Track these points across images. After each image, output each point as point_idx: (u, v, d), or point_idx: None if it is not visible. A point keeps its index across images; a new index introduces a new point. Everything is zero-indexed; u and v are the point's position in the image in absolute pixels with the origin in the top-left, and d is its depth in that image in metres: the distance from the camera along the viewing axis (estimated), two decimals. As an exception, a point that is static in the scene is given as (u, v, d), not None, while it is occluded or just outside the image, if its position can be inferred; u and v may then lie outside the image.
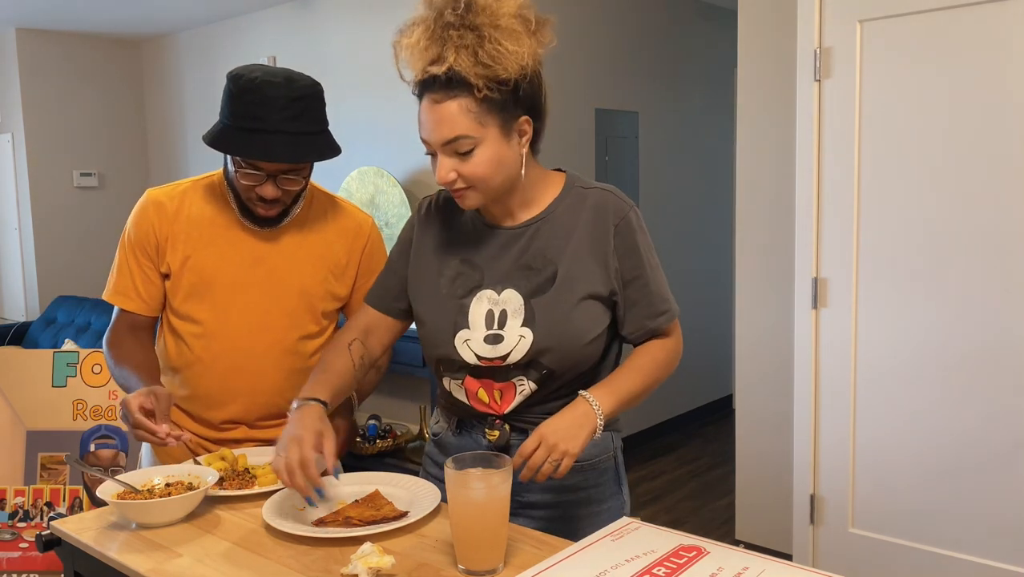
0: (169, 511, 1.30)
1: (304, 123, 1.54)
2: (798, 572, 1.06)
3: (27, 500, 3.00)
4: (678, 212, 4.86)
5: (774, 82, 3.11)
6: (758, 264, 3.24)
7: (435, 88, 1.27)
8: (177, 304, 1.66)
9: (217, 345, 1.66)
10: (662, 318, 1.39)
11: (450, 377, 1.41)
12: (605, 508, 1.45)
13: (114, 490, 1.35)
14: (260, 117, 1.50)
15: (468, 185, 1.31)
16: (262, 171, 1.55)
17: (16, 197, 5.28)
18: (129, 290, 1.66)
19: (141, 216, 1.66)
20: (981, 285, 2.57)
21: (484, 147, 1.28)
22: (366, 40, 4.26)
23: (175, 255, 1.64)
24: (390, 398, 4.27)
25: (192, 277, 1.64)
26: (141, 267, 1.65)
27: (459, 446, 1.45)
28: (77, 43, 5.33)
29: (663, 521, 3.61)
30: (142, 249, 1.65)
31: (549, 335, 1.33)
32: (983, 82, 2.52)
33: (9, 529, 2.96)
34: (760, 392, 3.27)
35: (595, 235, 1.36)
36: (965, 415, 2.63)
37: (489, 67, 1.24)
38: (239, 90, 1.53)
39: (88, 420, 3.12)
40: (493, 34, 1.24)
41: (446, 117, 1.26)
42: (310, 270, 1.69)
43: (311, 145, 1.56)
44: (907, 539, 2.77)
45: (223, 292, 1.65)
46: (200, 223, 1.65)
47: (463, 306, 1.37)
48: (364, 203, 4.09)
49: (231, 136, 1.53)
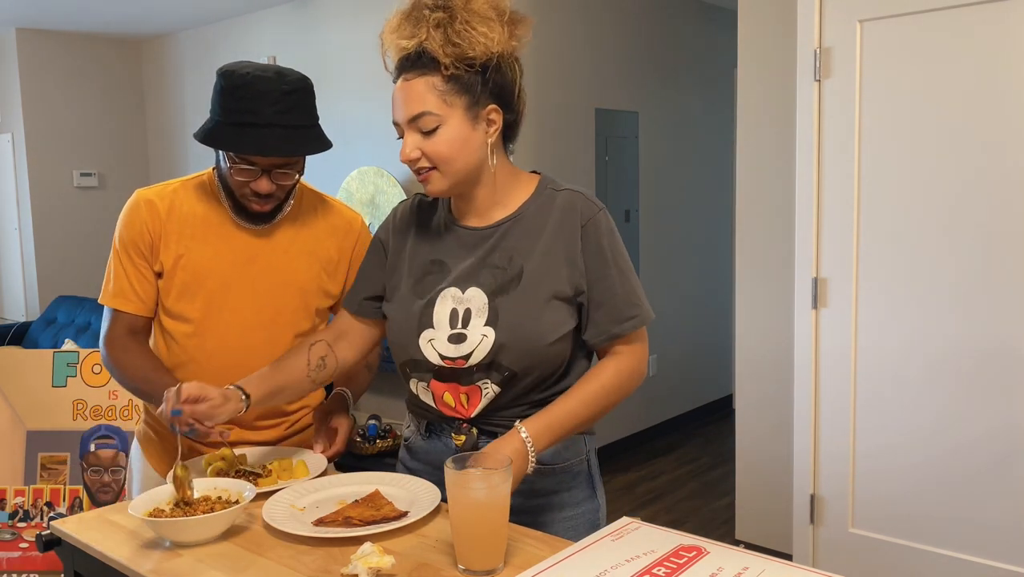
0: (205, 528, 1.23)
1: (296, 116, 1.54)
2: (798, 572, 1.06)
3: (27, 500, 3.00)
4: (678, 212, 4.86)
5: (774, 82, 3.11)
6: (758, 264, 3.24)
7: (407, 67, 1.32)
8: (170, 303, 1.65)
9: (210, 343, 1.64)
10: (627, 323, 1.35)
11: (416, 379, 1.41)
12: (579, 512, 1.43)
13: (149, 505, 1.28)
14: (253, 111, 1.50)
15: (431, 165, 1.33)
16: (256, 166, 1.54)
17: (16, 197, 5.28)
18: (127, 292, 1.64)
19: (133, 215, 1.64)
20: (981, 284, 2.57)
21: (448, 127, 1.31)
22: (366, 40, 4.26)
23: (168, 253, 1.63)
24: (390, 398, 4.27)
25: (185, 275, 1.63)
26: (136, 267, 1.64)
27: (428, 450, 1.45)
28: (77, 43, 5.33)
29: (663, 521, 3.61)
30: (136, 249, 1.63)
31: (511, 334, 1.32)
32: (983, 82, 2.52)
33: (9, 529, 2.96)
34: (760, 392, 3.27)
35: (563, 236, 1.36)
36: (965, 414, 2.63)
37: (457, 45, 1.28)
38: (231, 86, 1.53)
39: (88, 420, 3.12)
40: (464, 15, 1.29)
41: (413, 94, 1.31)
42: (303, 267, 1.68)
43: (304, 138, 1.56)
44: (907, 539, 2.77)
45: (216, 290, 1.64)
46: (192, 221, 1.64)
47: (428, 305, 1.38)
48: (364, 203, 4.09)
49: (224, 132, 1.53)
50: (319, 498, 1.37)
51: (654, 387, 4.69)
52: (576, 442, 1.43)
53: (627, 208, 4.49)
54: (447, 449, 1.40)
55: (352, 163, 4.30)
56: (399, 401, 4.40)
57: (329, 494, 1.39)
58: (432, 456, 1.44)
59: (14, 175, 5.26)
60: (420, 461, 1.47)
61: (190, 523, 1.22)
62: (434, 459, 1.43)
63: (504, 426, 1.34)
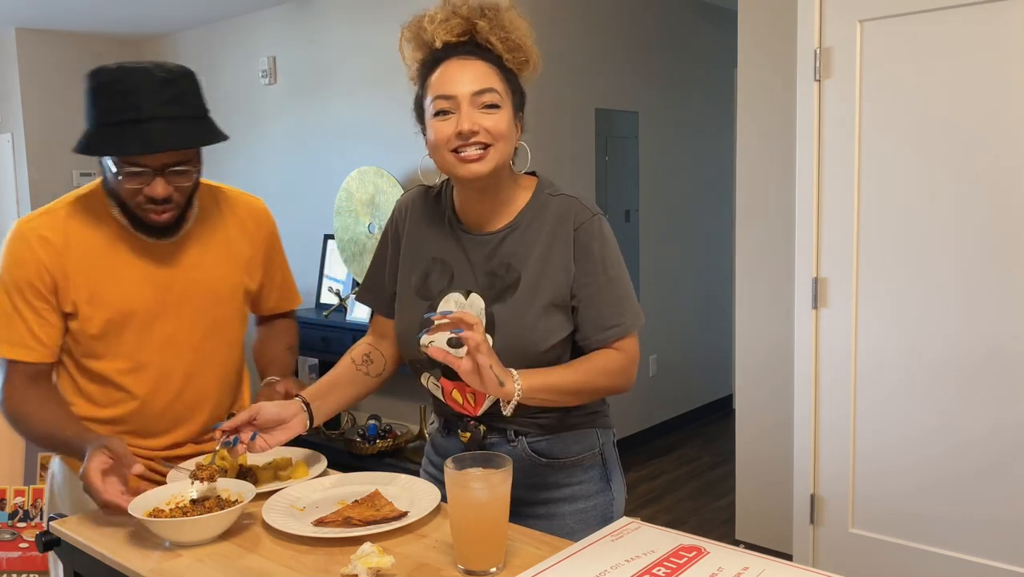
0: (204, 529, 1.23)
1: (181, 108, 1.41)
2: (798, 572, 1.06)
3: (27, 500, 3.00)
4: (678, 212, 4.86)
5: (774, 82, 3.11)
6: (758, 264, 3.24)
7: (463, 51, 1.33)
8: (92, 346, 1.50)
9: (150, 376, 1.54)
10: (611, 331, 1.36)
11: (428, 374, 1.44)
12: (591, 504, 1.45)
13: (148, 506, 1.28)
14: (131, 107, 1.36)
15: (488, 142, 1.30)
16: (147, 168, 1.40)
17: (16, 197, 5.28)
18: (27, 339, 1.46)
19: (24, 254, 1.45)
20: (981, 284, 2.57)
21: (505, 111, 1.33)
22: (366, 40, 4.26)
23: (79, 292, 1.47)
24: (390, 398, 4.27)
25: (105, 313, 1.49)
26: (35, 311, 1.46)
27: (445, 445, 1.49)
28: (77, 43, 5.33)
29: (663, 521, 3.61)
30: (33, 291, 1.45)
31: (507, 341, 1.34)
32: (983, 82, 2.52)
33: (9, 529, 2.96)
34: (760, 392, 3.27)
35: (557, 243, 1.37)
36: (965, 415, 2.63)
37: (516, 49, 1.34)
38: (100, 84, 1.40)
39: (88, 420, 3.12)
40: (515, 33, 1.34)
41: (479, 71, 1.31)
42: (223, 273, 1.60)
43: (193, 130, 1.42)
44: (907, 539, 2.77)
45: (144, 321, 1.52)
46: (95, 254, 1.49)
47: (432, 308, 1.40)
48: (364, 203, 4.09)
49: (102, 136, 1.39)
50: (319, 498, 1.38)
51: (654, 387, 4.69)
52: (587, 436, 1.45)
53: (627, 208, 4.49)
54: (460, 444, 1.44)
55: (352, 163, 4.30)
56: (399, 401, 4.42)
57: (329, 494, 1.39)
58: (447, 451, 1.47)
59: (14, 175, 5.26)
60: (440, 455, 1.51)
61: (188, 523, 1.22)
62: (448, 454, 1.45)
63: (511, 424, 1.36)
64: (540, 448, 1.41)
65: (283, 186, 4.77)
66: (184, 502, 1.31)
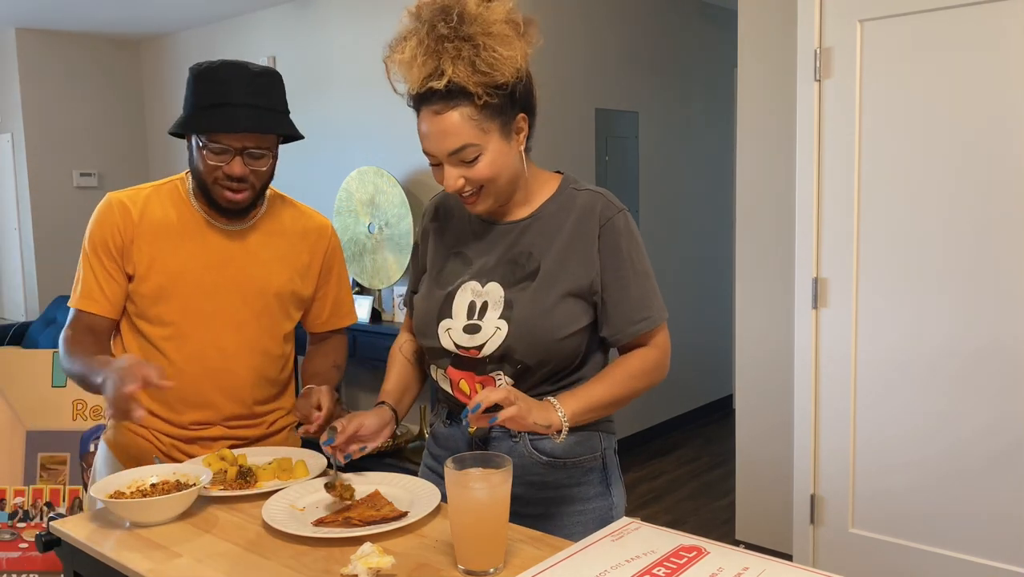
0: (163, 510, 1.30)
1: (268, 99, 1.58)
2: (798, 572, 1.06)
3: (27, 500, 3.00)
4: (678, 212, 4.86)
5: (774, 82, 3.11)
6: (758, 264, 3.24)
7: (434, 100, 1.29)
8: (145, 306, 1.65)
9: (189, 347, 1.64)
10: (641, 324, 1.40)
11: (436, 366, 1.46)
12: (590, 508, 1.45)
13: (110, 488, 1.36)
14: (224, 93, 1.54)
15: (476, 188, 1.35)
16: (229, 147, 1.55)
17: (16, 197, 5.28)
18: (94, 292, 1.64)
19: (105, 217, 1.65)
20: (981, 284, 2.57)
21: (488, 152, 1.32)
22: (366, 40, 4.26)
23: (141, 256, 1.63)
24: (390, 398, 4.27)
25: (160, 278, 1.63)
26: (106, 269, 1.64)
27: (448, 436, 1.49)
28: (77, 43, 5.33)
29: (663, 521, 3.61)
30: (106, 251, 1.64)
31: (523, 328, 1.35)
32: (983, 82, 2.52)
33: (9, 529, 2.96)
34: (760, 392, 3.27)
35: (581, 235, 1.39)
36: (966, 415, 2.63)
37: (487, 74, 1.27)
38: (200, 75, 1.57)
39: (88, 420, 3.12)
40: (487, 42, 1.26)
41: (450, 128, 1.29)
42: (277, 269, 1.70)
43: (276, 120, 1.59)
44: (907, 539, 2.77)
45: (193, 293, 1.64)
46: (165, 226, 1.65)
47: (449, 296, 1.42)
48: (364, 203, 4.09)
49: (196, 116, 1.56)
50: (319, 498, 1.38)
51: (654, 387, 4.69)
52: (590, 439, 1.45)
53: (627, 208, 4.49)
54: (464, 435, 1.45)
55: (352, 163, 4.30)
56: (399, 401, 4.39)
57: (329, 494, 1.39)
58: (451, 442, 1.48)
59: (14, 175, 5.26)
60: (441, 447, 1.51)
61: (146, 504, 1.30)
62: (452, 445, 1.48)
63: None
64: (542, 446, 1.41)
65: (283, 186, 4.72)
66: (145, 486, 1.38)
